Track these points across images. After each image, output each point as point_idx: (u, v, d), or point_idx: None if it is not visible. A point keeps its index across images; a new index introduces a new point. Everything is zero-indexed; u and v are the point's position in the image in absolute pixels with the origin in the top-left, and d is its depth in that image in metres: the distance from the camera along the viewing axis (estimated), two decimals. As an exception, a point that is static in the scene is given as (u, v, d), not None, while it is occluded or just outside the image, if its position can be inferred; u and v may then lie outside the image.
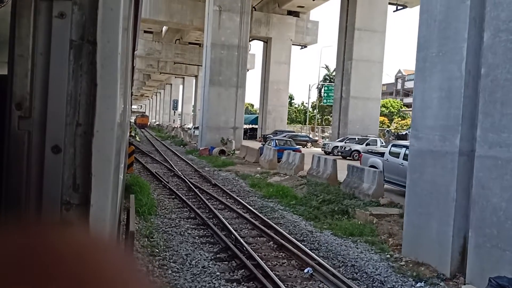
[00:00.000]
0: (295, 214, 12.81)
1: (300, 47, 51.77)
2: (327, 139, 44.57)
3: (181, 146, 37.92)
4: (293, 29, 48.57)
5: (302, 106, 75.03)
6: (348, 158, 28.99)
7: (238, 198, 14.39)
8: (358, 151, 29.13)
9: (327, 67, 68.67)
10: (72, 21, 1.43)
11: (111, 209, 1.55)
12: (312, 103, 72.83)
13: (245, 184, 17.71)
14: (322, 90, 68.51)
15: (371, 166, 16.04)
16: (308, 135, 43.81)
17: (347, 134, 34.12)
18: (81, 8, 1.43)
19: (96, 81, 1.43)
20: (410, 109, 62.72)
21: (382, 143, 30.66)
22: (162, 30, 64.93)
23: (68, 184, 1.43)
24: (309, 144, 41.45)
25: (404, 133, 34.89)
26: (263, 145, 26.72)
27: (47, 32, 1.41)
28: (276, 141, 25.41)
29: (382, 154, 16.58)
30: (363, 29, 34.14)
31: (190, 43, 62.58)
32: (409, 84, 69.09)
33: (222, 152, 28.53)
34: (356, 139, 31.80)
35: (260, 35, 46.65)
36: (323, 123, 68.43)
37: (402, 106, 60.91)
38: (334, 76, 69.33)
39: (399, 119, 53.07)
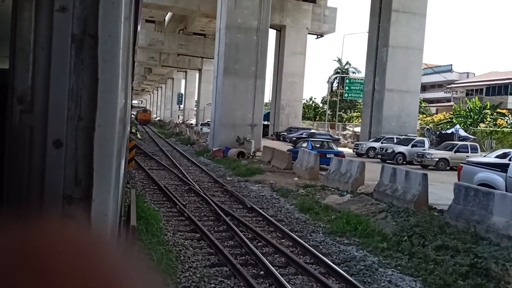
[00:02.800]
0: (406, 275, 7.43)
1: (316, 36, 46.26)
2: (349, 138, 39.19)
3: (188, 145, 32.43)
4: (309, 16, 43.18)
5: (311, 102, 69.47)
6: (389, 162, 23.60)
7: (295, 237, 9.00)
8: (402, 153, 23.81)
9: (339, 60, 63.18)
10: (74, 15, 1.38)
11: (113, 204, 1.48)
12: (323, 98, 67.41)
13: (291, 207, 12.28)
14: (334, 83, 63.19)
15: (482, 185, 10.69)
16: (328, 133, 38.39)
17: (380, 133, 28.75)
18: (82, 2, 1.39)
19: (97, 76, 1.39)
20: (432, 105, 57.53)
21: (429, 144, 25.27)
22: (165, 19, 59.24)
23: (70, 178, 1.38)
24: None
25: (449, 131, 29.46)
26: (294, 146, 21.26)
27: (48, 26, 1.37)
28: (311, 142, 19.92)
29: (499, 167, 11.18)
30: (401, 10, 28.70)
31: (194, 33, 56.93)
32: (426, 78, 63.61)
33: (241, 154, 23.09)
34: (395, 139, 26.43)
35: (273, 22, 40.87)
36: (333, 119, 62.99)
37: (422, 102, 55.51)
38: (346, 69, 63.96)
39: (423, 115, 47.69)
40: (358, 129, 38.62)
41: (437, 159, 21.66)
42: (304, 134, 38.28)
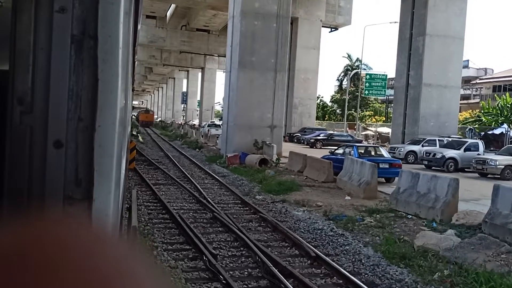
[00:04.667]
0: None
1: (330, 29, 42.17)
2: (370, 140, 34.99)
3: (197, 149, 28.12)
4: (323, 7, 39.09)
5: (319, 100, 65.22)
6: (435, 168, 19.48)
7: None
8: (454, 159, 19.60)
9: (349, 57, 58.98)
10: (73, 16, 1.35)
11: (114, 204, 1.43)
12: (332, 96, 63.30)
13: (369, 250, 8.03)
14: (345, 80, 59.12)
15: None
16: (350, 134, 34.17)
17: (417, 134, 24.61)
18: (81, 2, 1.36)
19: (97, 76, 1.36)
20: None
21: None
22: (166, 15, 55.01)
23: (71, 179, 1.35)
24: (352, 145, 31.87)
25: (497, 131, 25.28)
26: (331, 153, 17.03)
27: (48, 26, 1.33)
28: (357, 148, 15.67)
29: None
30: (439, -6, 24.55)
31: (198, 29, 52.64)
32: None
33: (263, 162, 18.90)
34: (437, 141, 22.27)
35: (285, 14, 36.81)
36: (342, 119, 58.76)
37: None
38: (357, 66, 59.73)
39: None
40: (381, 129, 34.45)
41: (503, 167, 17.49)
42: (321, 135, 34.15)
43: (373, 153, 15.95)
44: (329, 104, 62.94)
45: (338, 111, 61.39)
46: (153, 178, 15.71)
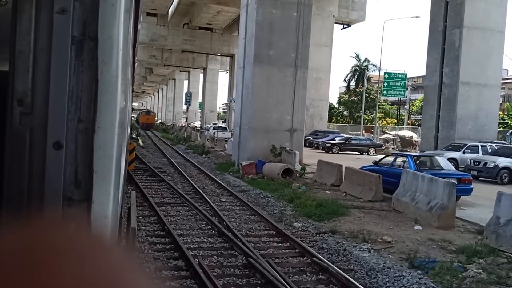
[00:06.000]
0: None
1: (342, 26, 39.06)
2: (389, 144, 31.75)
3: (203, 155, 24.81)
4: (336, 2, 36.10)
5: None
6: (485, 179, 16.34)
7: None
8: (509, 169, 16.40)
9: (357, 56, 55.76)
10: (73, 17, 1.32)
11: (113, 206, 1.40)
12: (340, 96, 60.09)
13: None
14: (353, 81, 55.97)
15: None
16: (368, 138, 30.92)
17: (453, 138, 21.41)
18: (82, 4, 1.33)
19: (97, 77, 1.33)
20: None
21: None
22: (168, 12, 51.75)
23: (70, 180, 1.33)
24: (371, 150, 28.73)
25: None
26: (375, 163, 13.74)
27: (48, 28, 1.31)
28: (413, 158, 12.40)
29: None
30: (478, -19, 21.39)
31: (200, 27, 49.52)
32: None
33: (287, 172, 15.66)
34: (480, 147, 19.09)
35: (296, 9, 33.60)
36: (350, 121, 55.52)
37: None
38: (365, 66, 56.51)
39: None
40: (403, 133, 31.26)
41: None
42: (337, 139, 30.94)
43: (428, 164, 12.71)
44: (336, 105, 59.75)
45: (345, 113, 58.27)
46: (157, 194, 12.47)
